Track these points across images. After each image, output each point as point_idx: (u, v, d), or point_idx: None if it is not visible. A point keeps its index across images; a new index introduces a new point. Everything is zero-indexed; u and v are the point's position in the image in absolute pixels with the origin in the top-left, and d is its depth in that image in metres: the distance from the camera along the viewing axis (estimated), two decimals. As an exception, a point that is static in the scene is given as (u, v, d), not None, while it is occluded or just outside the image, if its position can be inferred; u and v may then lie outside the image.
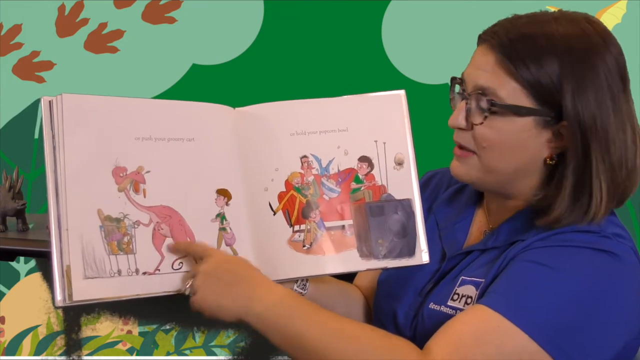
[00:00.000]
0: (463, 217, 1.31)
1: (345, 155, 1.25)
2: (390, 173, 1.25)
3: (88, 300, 1.11)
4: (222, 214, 1.21)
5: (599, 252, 1.12)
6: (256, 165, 1.24)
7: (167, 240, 1.16)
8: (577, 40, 1.14)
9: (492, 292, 1.13)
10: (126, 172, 1.15)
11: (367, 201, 1.24)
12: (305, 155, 1.25)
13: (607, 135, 1.14)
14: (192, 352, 2.89)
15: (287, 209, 1.24)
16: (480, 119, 1.16)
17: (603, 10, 2.66)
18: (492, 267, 1.17)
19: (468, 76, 1.19)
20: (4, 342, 2.93)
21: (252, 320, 1.10)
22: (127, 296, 1.14)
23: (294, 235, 1.23)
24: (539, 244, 1.15)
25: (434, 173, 1.43)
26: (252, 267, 1.16)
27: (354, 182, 1.25)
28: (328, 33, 2.76)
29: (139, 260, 1.14)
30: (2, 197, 2.23)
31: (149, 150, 1.17)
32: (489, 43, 1.17)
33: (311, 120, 1.25)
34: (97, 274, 1.11)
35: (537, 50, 1.13)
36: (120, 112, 1.17)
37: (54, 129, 1.12)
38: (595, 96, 1.13)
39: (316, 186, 1.24)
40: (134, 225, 1.15)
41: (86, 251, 1.11)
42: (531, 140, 1.16)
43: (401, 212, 1.24)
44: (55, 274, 1.09)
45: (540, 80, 1.13)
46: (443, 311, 1.20)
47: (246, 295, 1.11)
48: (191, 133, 1.20)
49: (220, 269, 1.13)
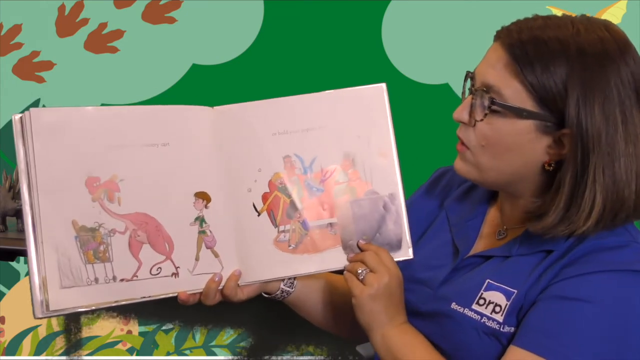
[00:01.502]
0: (475, 215, 1.31)
1: (328, 153, 1.24)
2: (374, 168, 1.24)
3: (66, 309, 1.13)
4: (202, 217, 1.22)
5: (631, 273, 1.11)
6: (238, 166, 1.24)
7: (144, 247, 1.18)
8: (590, 47, 1.11)
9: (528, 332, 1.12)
10: (99, 181, 1.17)
11: (350, 198, 1.24)
12: (288, 155, 1.24)
13: (613, 147, 1.11)
14: (192, 352, 2.89)
15: (271, 210, 1.24)
16: (481, 116, 1.16)
17: (603, 10, 2.66)
18: (527, 280, 1.15)
19: (479, 72, 1.19)
20: (4, 342, 2.92)
21: (380, 338, 1.21)
22: (105, 303, 1.16)
23: (279, 236, 1.24)
24: (569, 272, 1.13)
25: (446, 170, 1.43)
26: (403, 298, 1.24)
27: (338, 179, 1.25)
28: (328, 33, 2.75)
29: (116, 268, 1.16)
30: (2, 197, 2.23)
31: (122, 158, 1.18)
32: (501, 41, 1.16)
33: (293, 119, 1.24)
34: (74, 283, 1.14)
35: (546, 54, 1.12)
36: (90, 122, 1.17)
37: (25, 145, 1.14)
38: (603, 106, 1.10)
39: (300, 186, 1.25)
40: (109, 234, 1.17)
41: (62, 262, 1.13)
42: (529, 144, 1.15)
43: (385, 208, 1.25)
44: (32, 286, 1.12)
45: (544, 85, 1.12)
46: (467, 314, 1.19)
47: (392, 318, 1.21)
48: (166, 138, 1.21)
49: (398, 282, 1.22)
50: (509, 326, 1.16)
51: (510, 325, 1.16)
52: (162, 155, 1.20)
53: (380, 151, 1.24)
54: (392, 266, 1.21)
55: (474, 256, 1.25)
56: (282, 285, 1.30)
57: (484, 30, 1.23)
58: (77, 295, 1.14)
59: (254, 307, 2.76)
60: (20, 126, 1.15)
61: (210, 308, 1.25)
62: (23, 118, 1.14)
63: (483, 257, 1.24)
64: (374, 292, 1.19)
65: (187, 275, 1.21)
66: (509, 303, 1.16)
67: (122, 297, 1.17)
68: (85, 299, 1.15)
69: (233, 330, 2.85)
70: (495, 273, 1.20)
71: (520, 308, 1.15)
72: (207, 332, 2.85)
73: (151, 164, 1.20)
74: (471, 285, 1.21)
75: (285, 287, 1.30)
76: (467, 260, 1.25)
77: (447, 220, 1.33)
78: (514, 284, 1.17)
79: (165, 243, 1.20)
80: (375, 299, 1.19)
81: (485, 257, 1.24)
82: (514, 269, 1.18)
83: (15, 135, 1.15)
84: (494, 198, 1.32)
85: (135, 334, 2.91)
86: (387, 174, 1.24)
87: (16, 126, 1.15)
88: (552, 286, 1.13)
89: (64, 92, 2.82)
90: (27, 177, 1.14)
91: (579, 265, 1.13)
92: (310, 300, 1.36)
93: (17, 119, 1.15)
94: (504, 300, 1.16)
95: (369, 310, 1.19)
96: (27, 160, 1.14)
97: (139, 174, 1.19)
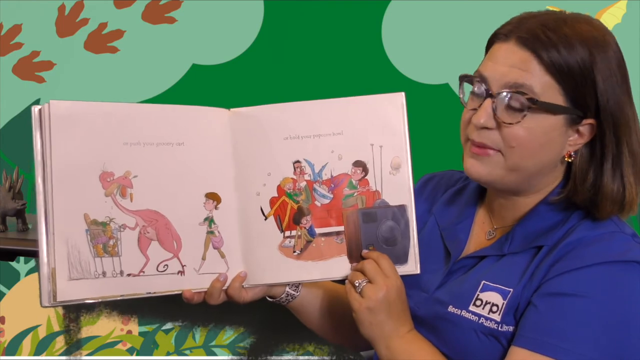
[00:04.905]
0: (464, 217, 1.31)
1: (339, 160, 1.23)
2: (386, 178, 1.23)
3: (72, 301, 1.15)
4: (211, 217, 1.23)
5: (618, 264, 1.12)
6: (249, 169, 1.24)
7: (152, 244, 1.20)
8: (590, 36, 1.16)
9: (526, 332, 1.13)
10: (113, 177, 1.18)
11: (359, 207, 1.23)
12: (298, 160, 1.23)
13: (630, 126, 1.17)
14: (192, 352, 2.89)
15: (278, 215, 1.23)
16: (515, 119, 1.14)
17: (603, 10, 2.66)
18: (522, 278, 1.16)
19: (494, 73, 1.16)
20: (4, 342, 2.92)
21: (384, 350, 1.20)
22: (111, 297, 1.18)
23: (284, 241, 1.23)
24: (558, 268, 1.14)
25: (431, 176, 1.42)
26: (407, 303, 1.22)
27: (347, 187, 1.23)
28: (328, 33, 2.75)
29: (124, 263, 1.18)
30: (2, 197, 2.23)
31: (137, 155, 1.19)
32: (516, 40, 1.15)
33: (306, 124, 1.23)
34: (82, 275, 1.15)
35: (567, 46, 1.14)
36: (108, 118, 1.19)
37: (43, 136, 1.15)
38: (616, 90, 1.16)
39: (308, 192, 1.24)
40: (119, 229, 1.18)
41: (71, 254, 1.15)
42: (559, 139, 1.17)
43: (394, 219, 1.22)
44: (41, 276, 1.14)
45: (573, 75, 1.14)
46: (464, 316, 1.19)
47: (396, 330, 1.19)
48: (181, 137, 1.22)
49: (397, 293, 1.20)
50: (507, 325, 1.16)
51: (508, 325, 1.16)
52: (177, 154, 1.22)
53: (394, 162, 1.22)
54: (392, 274, 1.20)
55: (466, 258, 1.25)
56: (288, 289, 1.30)
57: (484, 31, 1.22)
58: (85, 288, 1.16)
59: (254, 308, 2.75)
60: (39, 118, 1.15)
61: (210, 308, 1.25)
62: (42, 110, 1.16)
63: (476, 258, 1.24)
64: (372, 305, 1.18)
65: (193, 273, 1.22)
66: (506, 302, 1.16)
67: (128, 291, 1.18)
68: (92, 292, 1.16)
69: (233, 330, 2.85)
70: (490, 273, 1.20)
71: (517, 306, 1.15)
72: (207, 332, 2.85)
73: (165, 163, 1.21)
74: (467, 287, 1.21)
75: (290, 290, 1.30)
76: (460, 263, 1.25)
77: (437, 225, 1.32)
78: (509, 283, 1.17)
79: (173, 241, 1.21)
80: (374, 312, 1.18)
81: (479, 258, 1.24)
82: (507, 268, 1.19)
83: (33, 126, 1.16)
84: (481, 199, 1.31)
85: (135, 334, 2.91)
86: (399, 185, 1.22)
87: (35, 117, 1.16)
88: (545, 284, 1.14)
89: (64, 92, 2.82)
90: (42, 168, 1.15)
91: (568, 260, 1.14)
92: (313, 308, 1.36)
93: (37, 111, 1.16)
94: (501, 299, 1.16)
95: (369, 324, 1.19)
96: (43, 152, 1.15)
97: (152, 171, 1.20)
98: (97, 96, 2.80)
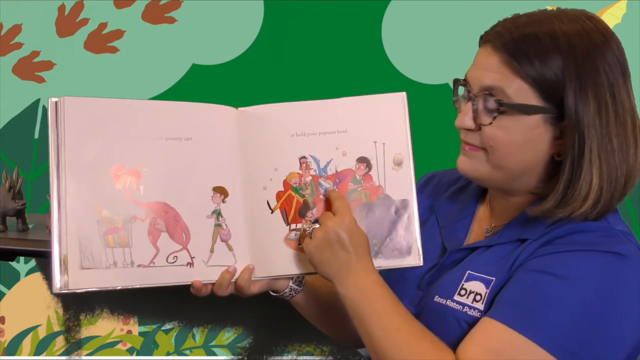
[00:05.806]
0: (465, 215, 1.32)
1: (343, 157, 1.26)
2: (389, 174, 1.26)
3: (83, 289, 1.18)
4: (218, 210, 1.26)
5: (605, 254, 1.13)
6: (256, 164, 1.27)
7: (162, 235, 1.22)
8: (578, 39, 1.15)
9: (502, 304, 1.13)
10: (125, 169, 1.22)
11: (363, 201, 1.25)
12: (304, 156, 1.26)
13: (607, 131, 1.14)
14: (192, 352, 2.89)
15: (284, 208, 1.26)
16: (489, 120, 1.17)
17: (603, 10, 2.66)
18: (504, 267, 1.17)
19: (472, 77, 1.20)
20: (4, 342, 2.93)
21: (339, 288, 1.19)
22: (122, 286, 1.20)
23: (290, 234, 1.26)
24: (545, 249, 1.15)
25: (433, 174, 1.44)
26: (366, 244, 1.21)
27: (352, 183, 1.26)
28: (328, 33, 2.76)
29: (135, 253, 1.21)
30: (2, 197, 2.23)
31: (147, 149, 1.23)
32: (492, 44, 1.18)
33: (311, 122, 1.27)
34: (93, 264, 1.18)
35: (541, 48, 1.14)
36: (121, 113, 1.24)
37: (58, 129, 1.20)
38: (596, 94, 1.14)
39: (313, 187, 1.26)
40: (130, 220, 1.21)
41: (83, 243, 1.18)
42: (539, 138, 1.17)
43: (397, 213, 1.25)
44: (54, 263, 1.17)
45: (545, 77, 1.14)
46: (449, 305, 1.20)
47: (347, 265, 1.18)
48: (189, 132, 1.25)
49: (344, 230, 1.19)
50: None
51: None
52: (185, 149, 1.25)
53: (396, 158, 1.26)
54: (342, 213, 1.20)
55: (457, 251, 1.26)
56: (291, 283, 1.31)
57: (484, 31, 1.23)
58: (96, 277, 1.18)
59: (254, 307, 2.76)
60: (55, 110, 1.19)
61: (210, 308, 1.26)
62: (59, 102, 1.20)
63: (467, 250, 1.25)
64: (318, 242, 1.19)
65: (202, 265, 1.24)
66: (488, 291, 1.17)
67: (138, 282, 1.21)
68: (103, 281, 1.19)
69: (233, 330, 2.85)
70: (475, 263, 1.21)
71: (498, 291, 1.16)
72: (207, 332, 2.85)
73: (174, 157, 1.24)
74: (453, 277, 1.22)
75: (294, 284, 1.31)
76: (453, 256, 1.26)
77: (437, 223, 1.33)
78: (492, 272, 1.18)
79: (182, 233, 1.23)
80: (321, 249, 1.19)
81: (470, 250, 1.25)
82: (492, 258, 1.20)
83: (49, 118, 1.20)
84: (483, 196, 1.32)
85: (135, 334, 2.91)
86: (402, 180, 1.25)
87: (51, 109, 1.20)
88: (529, 262, 1.15)
89: (64, 92, 2.80)
90: (56, 160, 1.19)
91: (556, 244, 1.15)
92: (316, 302, 1.36)
93: (53, 102, 1.20)
94: (484, 288, 1.17)
95: (319, 263, 1.20)
96: (57, 143, 1.19)
97: (162, 165, 1.23)
98: (97, 96, 2.80)
